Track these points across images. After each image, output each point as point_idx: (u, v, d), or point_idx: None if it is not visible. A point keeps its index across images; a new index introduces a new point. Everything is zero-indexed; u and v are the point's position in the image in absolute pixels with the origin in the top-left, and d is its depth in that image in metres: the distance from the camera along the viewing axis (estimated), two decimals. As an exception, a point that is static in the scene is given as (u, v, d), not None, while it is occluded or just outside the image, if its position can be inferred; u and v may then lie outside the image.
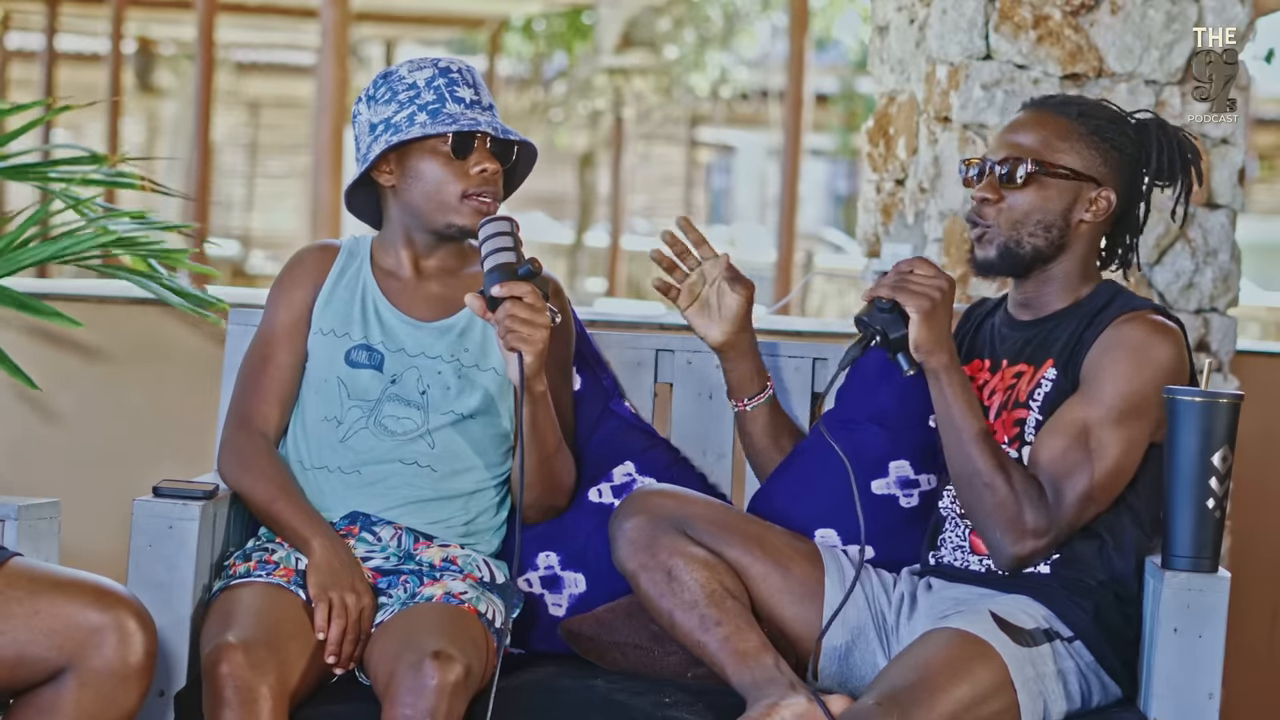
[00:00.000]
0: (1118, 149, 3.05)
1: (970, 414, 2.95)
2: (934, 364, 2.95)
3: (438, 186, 3.13)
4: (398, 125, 3.13)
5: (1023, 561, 2.96)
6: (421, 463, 3.13)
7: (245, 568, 3.05)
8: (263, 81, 20.49)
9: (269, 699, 2.77)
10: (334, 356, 3.17)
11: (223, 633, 2.83)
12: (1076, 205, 3.05)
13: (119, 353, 4.22)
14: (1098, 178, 3.05)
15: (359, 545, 3.10)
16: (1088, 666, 2.95)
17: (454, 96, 3.14)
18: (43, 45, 15.62)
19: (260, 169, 20.93)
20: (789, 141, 12.03)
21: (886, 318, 2.94)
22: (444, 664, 2.77)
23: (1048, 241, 3.05)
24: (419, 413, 3.14)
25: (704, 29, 17.66)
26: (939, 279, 2.94)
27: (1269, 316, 11.76)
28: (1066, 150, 3.04)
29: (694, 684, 3.06)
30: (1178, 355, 2.98)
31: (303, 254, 3.26)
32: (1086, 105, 3.08)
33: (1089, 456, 2.93)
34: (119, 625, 2.63)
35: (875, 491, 3.21)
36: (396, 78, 3.16)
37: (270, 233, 20.03)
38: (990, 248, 3.06)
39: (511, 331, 2.97)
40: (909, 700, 2.77)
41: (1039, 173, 3.03)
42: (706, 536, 3.05)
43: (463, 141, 3.13)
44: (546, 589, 3.25)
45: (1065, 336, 3.04)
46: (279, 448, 3.19)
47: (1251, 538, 4.36)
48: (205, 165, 10.81)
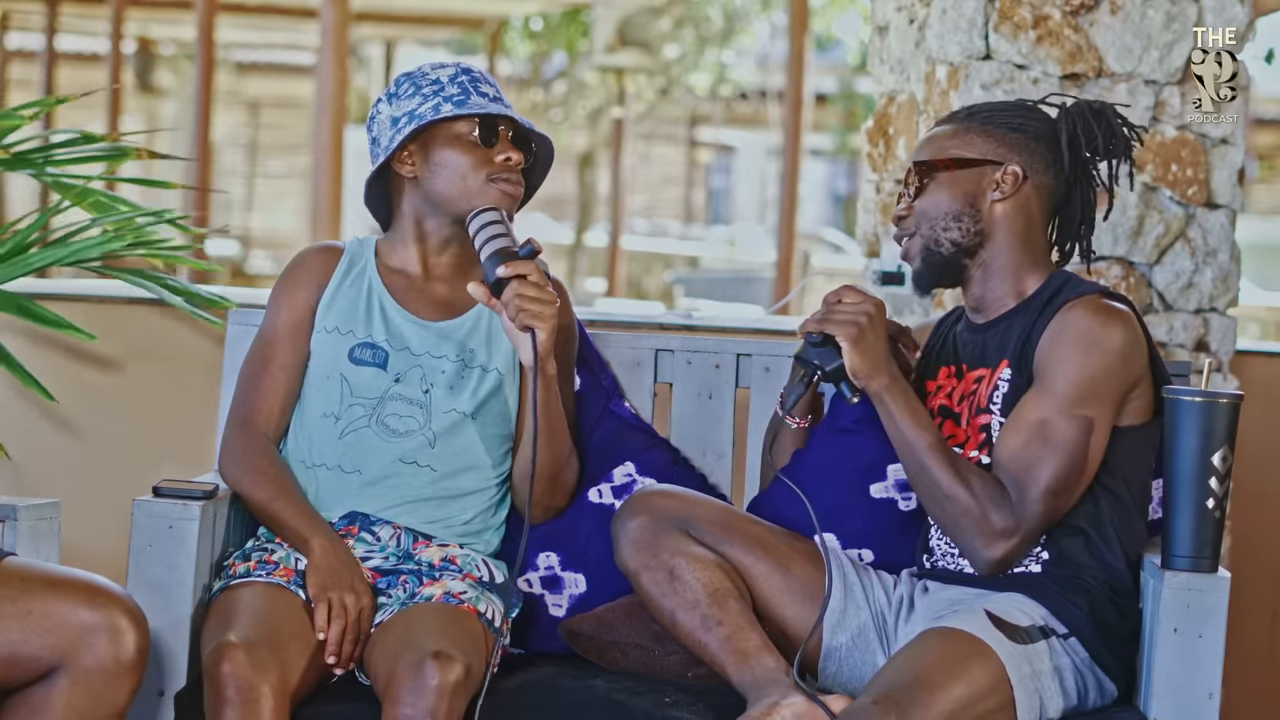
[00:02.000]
0: (1016, 130, 3.07)
1: (919, 429, 2.96)
2: (874, 387, 2.97)
3: (464, 171, 3.13)
4: (422, 115, 3.13)
5: (1000, 564, 2.96)
6: (421, 462, 3.13)
7: (245, 568, 3.05)
8: (263, 81, 20.49)
9: (270, 698, 2.77)
10: (337, 354, 3.16)
11: (224, 632, 2.83)
12: (982, 188, 3.06)
13: (119, 353, 4.22)
14: (996, 158, 3.06)
15: (358, 545, 3.10)
16: (1083, 663, 2.95)
17: (478, 91, 3.17)
18: (43, 45, 15.62)
19: (260, 169, 20.92)
20: (789, 141, 12.02)
21: (820, 351, 2.99)
22: (444, 664, 2.77)
23: (962, 231, 3.06)
24: (421, 411, 3.14)
25: (703, 28, 17.67)
26: (864, 303, 2.97)
27: (1269, 316, 11.75)
28: (956, 145, 3.08)
29: (694, 684, 3.07)
30: (1129, 335, 2.96)
31: (305, 254, 3.26)
32: (975, 106, 3.13)
33: (1048, 450, 2.92)
34: (111, 623, 2.64)
35: (874, 495, 3.21)
36: (419, 75, 3.18)
37: (270, 233, 20.03)
38: (916, 259, 3.09)
39: (523, 310, 2.99)
40: (906, 699, 2.77)
41: (932, 172, 3.06)
42: (708, 537, 3.05)
43: (488, 129, 3.14)
44: (547, 589, 3.25)
45: (1017, 334, 3.03)
46: (280, 447, 3.19)
47: (1251, 538, 4.36)
48: (205, 165, 10.80)
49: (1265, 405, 4.24)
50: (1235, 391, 2.92)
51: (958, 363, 3.11)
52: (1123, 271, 4.11)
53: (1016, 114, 3.10)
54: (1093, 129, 3.09)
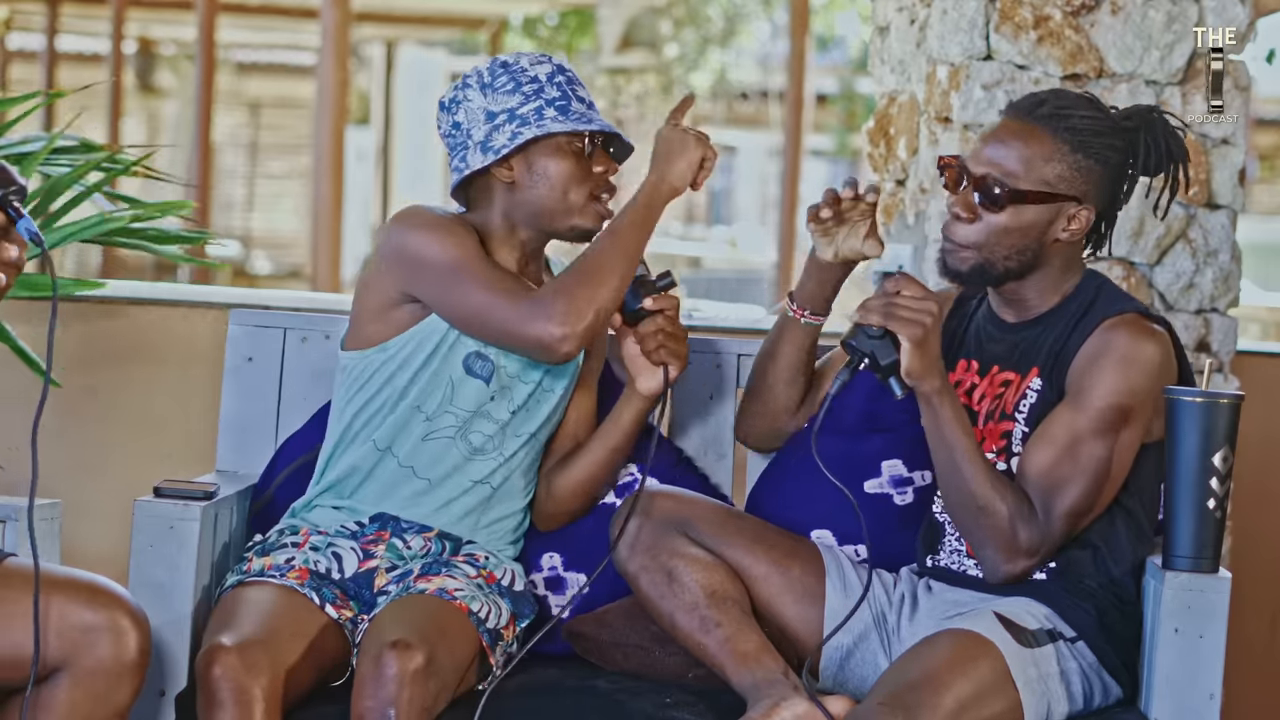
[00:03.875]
0: (1102, 162, 2.97)
1: (964, 436, 2.92)
2: (926, 389, 2.92)
3: (565, 186, 3.05)
4: (525, 117, 3.04)
5: (1014, 578, 2.95)
6: (487, 481, 3.11)
7: (260, 565, 3.01)
8: (263, 81, 20.46)
9: (262, 700, 2.75)
10: (453, 356, 3.07)
11: (218, 634, 2.82)
12: (1054, 225, 2.97)
13: (119, 353, 4.21)
14: (1078, 196, 2.97)
15: (388, 553, 3.07)
16: (1090, 667, 2.94)
17: (576, 95, 3.09)
18: (43, 46, 15.62)
19: (260, 169, 20.90)
20: (789, 142, 12.03)
21: (877, 343, 2.91)
22: (402, 653, 2.75)
23: (1021, 262, 2.99)
24: (500, 433, 3.09)
25: (704, 29, 17.67)
26: (928, 301, 2.89)
27: (1269, 316, 11.74)
28: (1049, 171, 2.95)
29: (695, 685, 3.06)
30: (1164, 358, 2.95)
31: (443, 213, 3.06)
32: (1073, 115, 2.97)
33: (1077, 470, 2.90)
34: (113, 624, 2.64)
35: (869, 491, 3.21)
36: (518, 68, 3.07)
37: (271, 233, 20.01)
38: (962, 265, 3.00)
39: (663, 347, 3.02)
40: (913, 701, 2.77)
41: (1018, 197, 2.96)
42: (707, 538, 3.05)
43: (594, 141, 3.07)
44: (550, 590, 3.25)
45: (1050, 343, 3.00)
46: (360, 389, 3.09)
47: (1252, 538, 4.36)
48: (205, 165, 10.81)
49: (1266, 405, 4.24)
50: (1236, 392, 2.92)
51: (982, 359, 3.07)
52: (1124, 272, 4.11)
53: (1105, 140, 2.97)
54: (1160, 161, 3.02)
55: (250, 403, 3.38)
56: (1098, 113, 2.99)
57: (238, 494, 3.22)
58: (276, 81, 20.48)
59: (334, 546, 3.06)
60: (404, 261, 3.01)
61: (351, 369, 3.11)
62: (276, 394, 3.38)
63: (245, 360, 3.38)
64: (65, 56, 17.02)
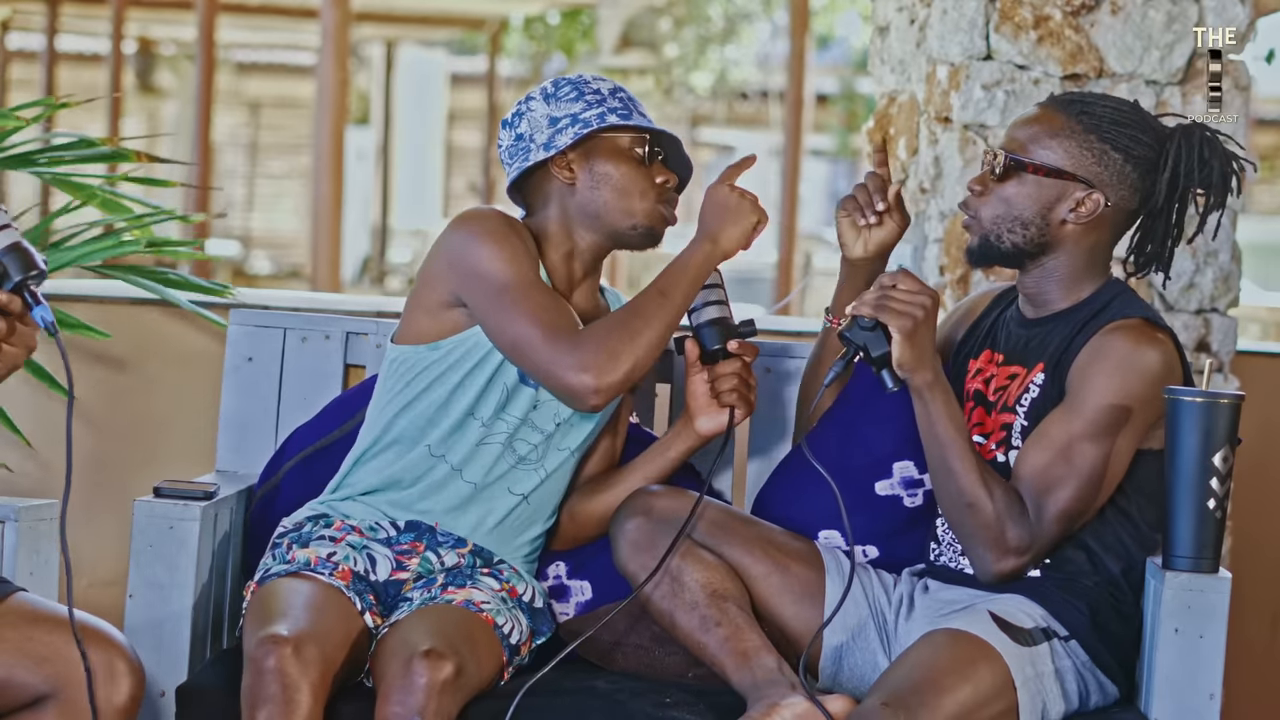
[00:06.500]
0: (1121, 151, 2.98)
1: (955, 432, 2.92)
2: (917, 381, 2.93)
3: (628, 186, 3.07)
4: (587, 121, 3.06)
5: (1004, 577, 2.95)
6: (521, 492, 3.10)
7: (305, 556, 2.98)
8: (263, 81, 20.47)
9: (309, 696, 2.74)
10: (510, 363, 3.06)
11: (275, 622, 2.79)
12: (1059, 205, 2.99)
13: (119, 353, 4.21)
14: (1089, 179, 2.98)
15: (420, 566, 3.06)
16: (1084, 665, 2.95)
17: (637, 110, 3.12)
18: (43, 46, 15.62)
19: (260, 169, 20.91)
20: (789, 142, 12.03)
21: (869, 335, 2.92)
22: (434, 662, 2.75)
23: (1026, 239, 3.00)
24: (544, 443, 3.10)
25: (704, 29, 17.67)
26: (921, 295, 2.90)
27: (1269, 316, 11.74)
28: (1054, 148, 2.99)
29: (695, 684, 3.07)
30: (1165, 365, 2.94)
31: (510, 221, 3.06)
32: (1096, 105, 3.01)
33: (1071, 472, 2.90)
34: (108, 665, 2.63)
35: (879, 492, 3.21)
36: (580, 81, 3.11)
37: (271, 233, 20.02)
38: (974, 238, 3.05)
39: (735, 391, 3.06)
40: (915, 702, 2.77)
41: (1016, 168, 2.99)
42: (707, 537, 3.05)
43: (651, 148, 3.09)
44: (554, 598, 3.24)
45: (1058, 340, 3.01)
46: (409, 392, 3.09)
47: (1252, 538, 4.36)
48: (205, 165, 10.81)
49: (1266, 405, 4.24)
50: (1236, 392, 2.92)
51: (1004, 351, 3.08)
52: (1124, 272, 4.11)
53: (1128, 132, 2.98)
54: (1196, 172, 3.01)
55: (250, 403, 3.38)
56: (1125, 106, 3.02)
57: (238, 494, 3.22)
58: (276, 81, 20.49)
59: (369, 549, 3.04)
60: (461, 268, 3.02)
61: (401, 363, 3.11)
62: (276, 394, 3.38)
63: (245, 360, 3.38)
64: (65, 56, 17.02)
